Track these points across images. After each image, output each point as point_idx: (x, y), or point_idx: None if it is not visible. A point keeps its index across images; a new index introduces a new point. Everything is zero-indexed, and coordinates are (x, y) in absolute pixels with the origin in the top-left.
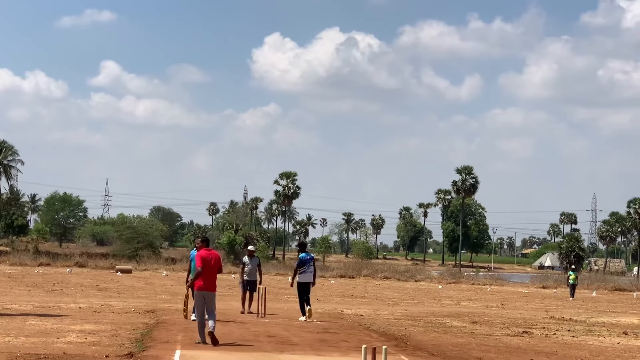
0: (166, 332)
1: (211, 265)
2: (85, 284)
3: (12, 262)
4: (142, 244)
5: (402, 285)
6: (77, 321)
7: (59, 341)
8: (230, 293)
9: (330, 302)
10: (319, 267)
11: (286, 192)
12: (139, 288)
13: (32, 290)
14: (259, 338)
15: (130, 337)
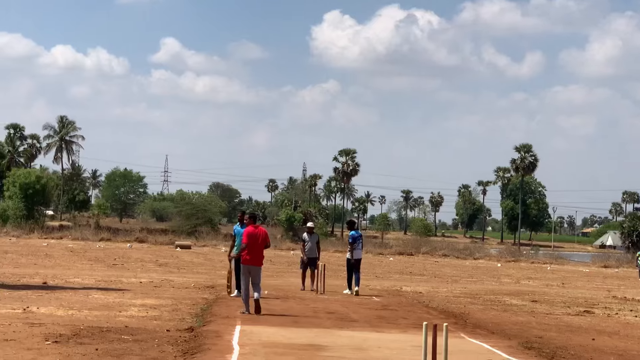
0: (226, 307)
1: (258, 241)
2: (145, 259)
3: (74, 236)
4: (201, 220)
5: (460, 263)
6: (138, 296)
7: (121, 315)
8: (289, 270)
9: (389, 279)
10: (378, 244)
11: (345, 169)
12: (198, 264)
13: (94, 265)
14: (318, 314)
15: (191, 312)
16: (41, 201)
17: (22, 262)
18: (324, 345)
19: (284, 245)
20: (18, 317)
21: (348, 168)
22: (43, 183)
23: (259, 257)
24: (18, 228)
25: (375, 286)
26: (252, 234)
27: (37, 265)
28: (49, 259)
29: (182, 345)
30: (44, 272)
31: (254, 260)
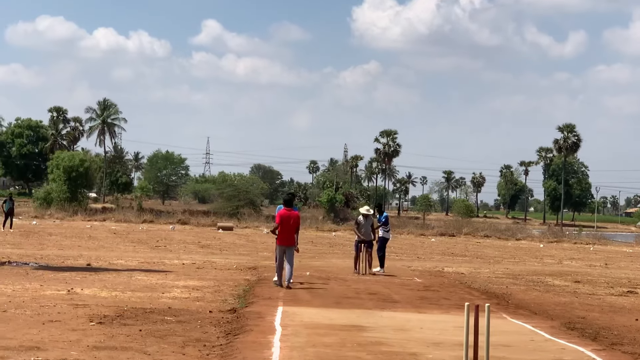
0: (268, 289)
1: (290, 223)
2: (187, 241)
3: (117, 218)
4: (243, 201)
5: (502, 243)
6: (181, 277)
7: (164, 296)
8: (330, 251)
9: (431, 260)
10: (420, 225)
11: (386, 150)
12: (240, 245)
13: (136, 247)
14: (360, 295)
15: (233, 294)
16: (84, 184)
17: (66, 244)
18: (365, 326)
19: (326, 226)
20: (63, 299)
21: (389, 149)
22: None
23: (291, 238)
24: (62, 210)
25: (417, 267)
26: (285, 216)
27: (81, 247)
28: (93, 241)
29: (224, 326)
30: (87, 254)
31: (287, 240)
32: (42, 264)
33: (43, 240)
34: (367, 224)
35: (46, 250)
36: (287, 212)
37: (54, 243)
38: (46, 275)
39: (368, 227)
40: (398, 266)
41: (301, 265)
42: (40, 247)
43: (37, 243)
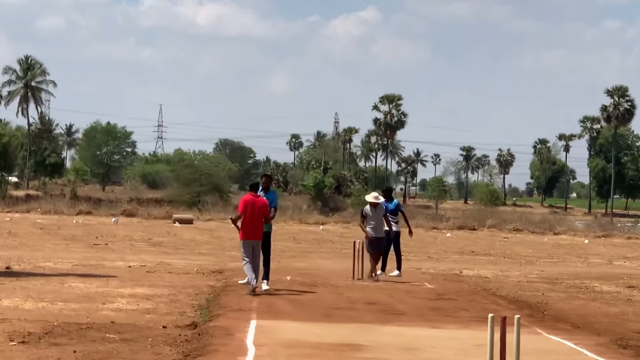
0: (237, 297)
1: (255, 212)
2: (135, 237)
3: (44, 209)
4: (205, 187)
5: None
6: (127, 283)
7: (105, 308)
8: (317, 249)
9: (446, 261)
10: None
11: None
12: (202, 243)
13: (70, 245)
14: (356, 305)
15: (193, 304)
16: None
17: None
18: (362, 344)
19: (311, 218)
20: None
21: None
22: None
23: (258, 230)
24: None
25: (429, 269)
26: (249, 202)
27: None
28: (13, 237)
29: (182, 345)
30: (6, 255)
31: (253, 233)
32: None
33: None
34: (378, 216)
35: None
36: (253, 197)
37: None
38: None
39: (379, 219)
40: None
41: (280, 267)
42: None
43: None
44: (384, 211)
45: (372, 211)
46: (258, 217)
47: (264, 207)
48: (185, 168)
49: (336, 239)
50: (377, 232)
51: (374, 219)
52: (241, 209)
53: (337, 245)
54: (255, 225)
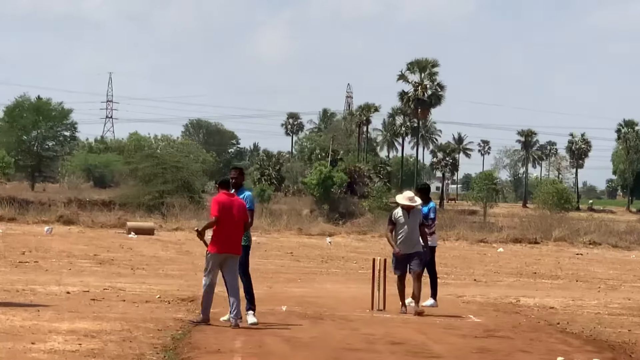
0: (215, 334)
1: (233, 215)
2: (75, 253)
3: None
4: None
5: (622, 256)
6: (64, 315)
7: (35, 348)
8: (322, 269)
9: (498, 285)
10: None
11: (419, 94)
12: (167, 260)
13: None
14: (376, 346)
15: (155, 343)
16: None
17: None
18: None
19: (315, 227)
20: None
21: (424, 93)
22: None
23: (236, 241)
24: None
25: (475, 297)
26: (225, 204)
27: None
28: None
29: None
30: None
31: (230, 245)
32: None
33: None
34: (412, 224)
35: None
36: (228, 197)
37: None
38: None
39: (414, 229)
40: (441, 295)
41: (273, 294)
42: None
43: None
44: (421, 218)
45: (404, 217)
46: (237, 224)
47: (243, 210)
48: (144, 159)
49: (349, 255)
50: (409, 245)
51: (406, 227)
52: (216, 212)
53: (350, 264)
54: (234, 233)
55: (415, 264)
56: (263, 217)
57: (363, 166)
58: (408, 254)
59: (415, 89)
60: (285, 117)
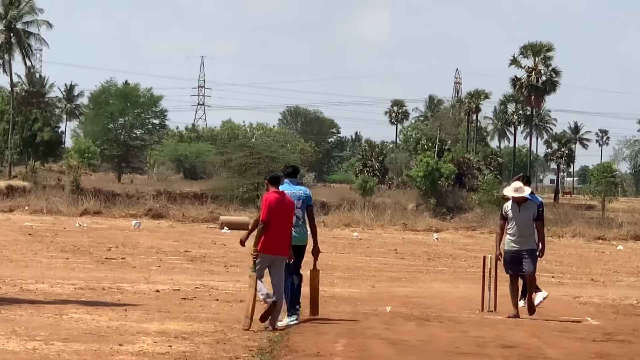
0: (314, 336)
1: (285, 216)
2: (165, 249)
3: (34, 207)
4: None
5: None
6: (154, 315)
7: (123, 350)
8: (429, 267)
9: (616, 286)
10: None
11: (533, 80)
12: None
13: (71, 259)
14: (486, 349)
15: (250, 346)
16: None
17: None
18: None
19: (421, 222)
20: None
21: (538, 79)
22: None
23: (286, 242)
24: None
25: (592, 298)
26: (278, 204)
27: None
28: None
29: None
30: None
31: (280, 247)
32: None
33: None
34: (524, 218)
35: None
36: (279, 197)
37: None
38: None
39: (527, 223)
40: (556, 296)
41: (375, 294)
42: None
43: None
44: (535, 211)
45: (513, 210)
46: (287, 224)
47: (291, 210)
48: (238, 149)
49: (458, 252)
50: (519, 242)
51: (517, 222)
52: (266, 212)
53: (458, 262)
54: (284, 233)
55: (527, 263)
56: (365, 211)
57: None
58: (518, 251)
59: (529, 74)
60: (389, 104)
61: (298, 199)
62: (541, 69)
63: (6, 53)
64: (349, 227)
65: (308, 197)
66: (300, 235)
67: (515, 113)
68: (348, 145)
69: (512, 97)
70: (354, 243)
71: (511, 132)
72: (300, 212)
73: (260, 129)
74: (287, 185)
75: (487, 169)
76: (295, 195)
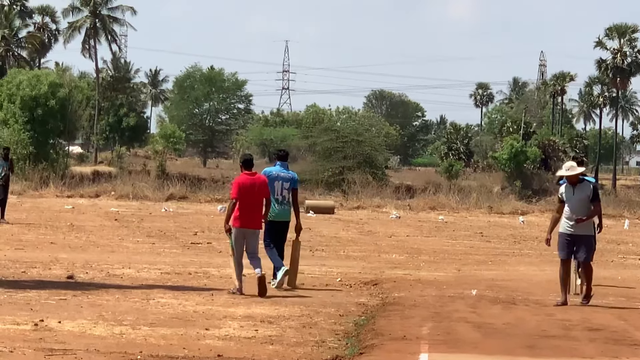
0: (400, 320)
1: (255, 195)
2: None
3: (120, 193)
4: (352, 160)
5: None
6: (240, 299)
7: (209, 335)
8: (515, 251)
9: None
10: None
11: (618, 62)
12: (348, 241)
13: (157, 244)
14: (572, 332)
15: (336, 330)
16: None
17: (29, 240)
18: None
19: (506, 205)
20: (25, 339)
21: (624, 61)
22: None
23: (256, 217)
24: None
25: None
26: (245, 185)
27: (56, 244)
28: (77, 233)
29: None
30: (68, 258)
31: (250, 221)
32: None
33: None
34: (579, 199)
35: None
36: (250, 177)
37: (6, 237)
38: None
39: (580, 206)
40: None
41: (461, 277)
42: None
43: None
44: (590, 191)
45: (567, 192)
46: (257, 201)
47: (264, 188)
48: (323, 133)
49: (543, 235)
50: (577, 225)
51: (572, 204)
52: (235, 193)
53: (544, 245)
54: (254, 209)
55: (582, 251)
56: (451, 194)
57: (558, 140)
58: (573, 235)
59: (614, 56)
60: (474, 87)
61: (286, 181)
62: (626, 50)
63: (91, 39)
64: (435, 211)
65: (295, 180)
66: (283, 213)
67: (600, 95)
68: (433, 128)
69: (598, 79)
70: (440, 226)
71: (596, 114)
72: (287, 193)
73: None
74: (279, 167)
75: (572, 152)
76: (285, 177)
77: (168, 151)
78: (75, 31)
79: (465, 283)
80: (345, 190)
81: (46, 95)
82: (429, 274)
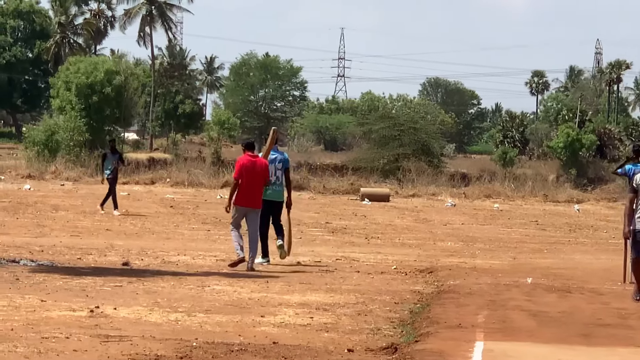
0: (456, 308)
1: (255, 175)
2: (306, 221)
3: (176, 180)
4: (408, 148)
5: None
6: (295, 287)
7: (265, 322)
8: (570, 239)
9: None
10: None
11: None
12: (403, 228)
13: (212, 231)
14: (628, 321)
15: (391, 317)
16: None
17: (84, 227)
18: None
19: (562, 193)
20: (81, 325)
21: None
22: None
23: (257, 196)
24: (75, 164)
25: None
26: (247, 165)
27: (111, 231)
28: (132, 220)
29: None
30: (123, 245)
31: (251, 200)
32: (43, 262)
33: (43, 219)
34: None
35: (50, 236)
36: (251, 159)
37: (62, 224)
38: (51, 283)
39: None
40: None
41: (517, 266)
42: (39, 232)
43: (34, 224)
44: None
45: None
46: (258, 182)
47: (264, 170)
48: (379, 120)
49: (599, 224)
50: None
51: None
52: (237, 173)
53: (600, 234)
54: (255, 189)
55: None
56: (506, 182)
57: (613, 128)
58: None
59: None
60: (530, 75)
61: (279, 163)
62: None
63: (147, 26)
64: (490, 199)
65: (286, 160)
66: (276, 192)
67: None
68: (488, 116)
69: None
70: (495, 214)
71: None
72: (280, 174)
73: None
74: (273, 151)
75: (628, 140)
76: (278, 159)
77: (223, 138)
78: (131, 18)
79: (521, 271)
80: (400, 178)
81: (102, 82)
82: (484, 262)
